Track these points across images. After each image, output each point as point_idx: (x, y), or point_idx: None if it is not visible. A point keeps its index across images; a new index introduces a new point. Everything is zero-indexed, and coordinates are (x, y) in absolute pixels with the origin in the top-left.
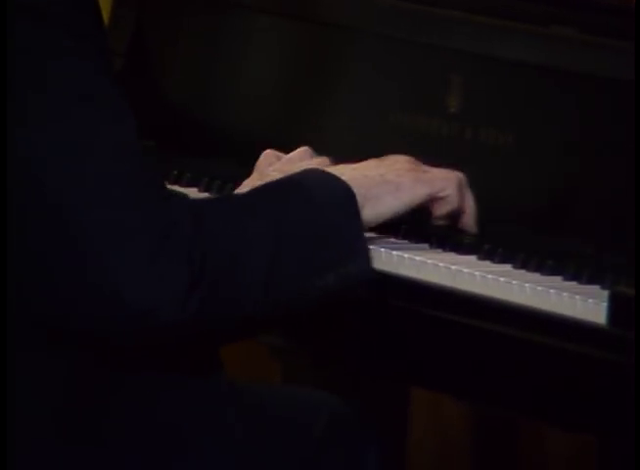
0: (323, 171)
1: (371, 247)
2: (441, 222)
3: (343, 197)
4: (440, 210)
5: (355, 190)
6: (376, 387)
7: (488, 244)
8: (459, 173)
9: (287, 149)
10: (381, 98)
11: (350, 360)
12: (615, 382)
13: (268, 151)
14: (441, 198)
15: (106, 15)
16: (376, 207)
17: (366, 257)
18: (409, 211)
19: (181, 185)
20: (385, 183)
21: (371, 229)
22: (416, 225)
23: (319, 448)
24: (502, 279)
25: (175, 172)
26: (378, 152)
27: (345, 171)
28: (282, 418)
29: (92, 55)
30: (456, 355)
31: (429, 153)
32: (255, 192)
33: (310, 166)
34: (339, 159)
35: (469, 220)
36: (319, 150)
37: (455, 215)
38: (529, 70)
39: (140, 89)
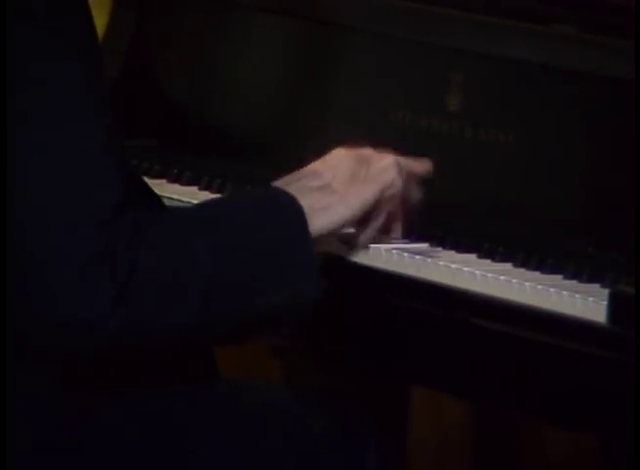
0: (272, 187)
1: (371, 245)
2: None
3: (292, 211)
4: (390, 196)
5: (302, 202)
6: (376, 386)
7: (488, 242)
8: (394, 156)
9: (286, 147)
10: (381, 97)
11: (350, 359)
12: (615, 381)
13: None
14: (388, 187)
15: (106, 15)
16: (326, 216)
17: (315, 276)
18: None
19: (181, 183)
20: (331, 194)
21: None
22: (416, 224)
23: (319, 447)
24: (502, 278)
25: (175, 171)
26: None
27: (291, 185)
28: (282, 416)
29: (75, 58)
30: (456, 354)
31: (429, 151)
32: (204, 207)
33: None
34: None
35: (415, 196)
36: (319, 149)
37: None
38: (529, 69)
39: (140, 89)
